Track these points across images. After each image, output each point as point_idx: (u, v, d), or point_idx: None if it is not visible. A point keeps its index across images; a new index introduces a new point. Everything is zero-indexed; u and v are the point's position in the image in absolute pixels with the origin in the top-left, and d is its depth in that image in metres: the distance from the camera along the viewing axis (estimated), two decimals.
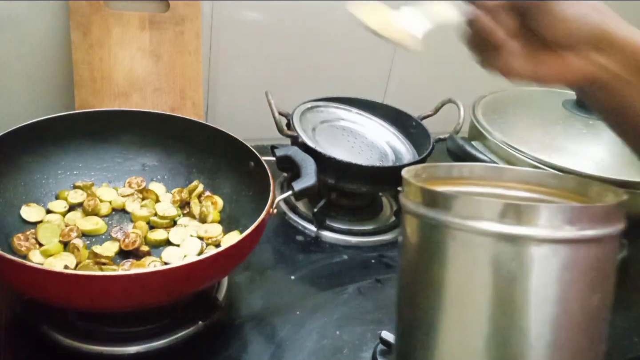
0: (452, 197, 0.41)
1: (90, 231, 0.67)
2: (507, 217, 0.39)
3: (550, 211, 0.39)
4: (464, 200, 0.41)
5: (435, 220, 0.42)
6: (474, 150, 0.78)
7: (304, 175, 0.64)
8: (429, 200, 0.43)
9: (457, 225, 0.41)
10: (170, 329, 0.58)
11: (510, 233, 0.39)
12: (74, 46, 0.80)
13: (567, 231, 0.39)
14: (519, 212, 0.39)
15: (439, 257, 0.42)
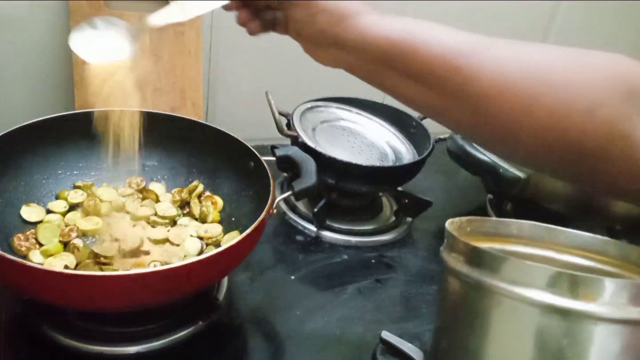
0: (501, 258, 0.37)
1: (90, 231, 0.66)
2: (562, 288, 0.35)
3: (614, 287, 0.34)
4: (514, 264, 0.37)
5: (480, 282, 0.38)
6: (474, 150, 0.78)
7: (304, 175, 0.64)
8: (475, 259, 0.39)
9: (504, 291, 0.37)
10: (170, 329, 0.58)
11: (564, 306, 0.35)
12: None
13: (631, 311, 0.34)
14: (577, 283, 0.35)
15: (480, 322, 0.39)
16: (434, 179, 1.00)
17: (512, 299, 0.37)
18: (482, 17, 1.10)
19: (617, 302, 0.34)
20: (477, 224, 0.49)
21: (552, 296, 0.35)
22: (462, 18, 1.08)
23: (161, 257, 0.64)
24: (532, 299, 0.36)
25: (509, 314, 0.37)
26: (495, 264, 0.38)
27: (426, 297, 0.72)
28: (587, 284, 0.35)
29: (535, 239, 0.49)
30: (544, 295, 0.35)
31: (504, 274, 0.37)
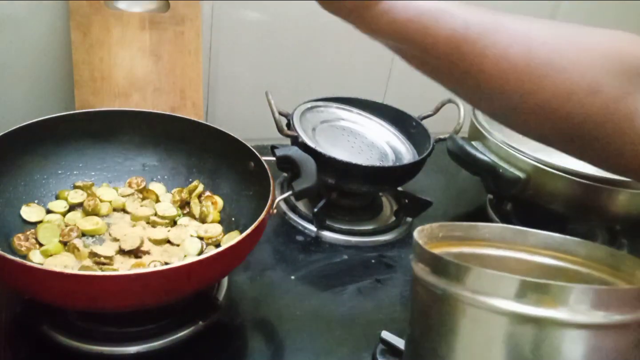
0: (465, 268, 0.37)
1: (90, 231, 0.66)
2: (526, 296, 0.35)
3: (577, 293, 0.34)
4: (478, 274, 0.37)
5: (446, 291, 0.38)
6: (474, 150, 0.78)
7: (304, 175, 0.64)
8: (440, 269, 0.39)
9: (469, 300, 0.37)
10: (170, 329, 0.58)
11: (529, 314, 0.35)
12: (74, 46, 0.80)
13: (594, 315, 0.34)
14: (540, 290, 0.35)
15: (448, 331, 0.38)
16: (434, 179, 1.00)
17: (478, 307, 0.37)
18: None
19: (581, 308, 0.34)
20: (448, 229, 0.49)
21: (516, 304, 0.35)
22: None
23: (161, 257, 0.64)
24: (496, 307, 0.36)
25: (476, 322, 0.37)
26: (459, 273, 0.38)
27: None
28: (551, 291, 0.35)
29: (506, 241, 0.49)
30: (509, 303, 0.35)
31: (468, 283, 0.37)
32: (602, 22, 1.31)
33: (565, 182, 0.73)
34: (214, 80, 0.97)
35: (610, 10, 1.19)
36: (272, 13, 0.94)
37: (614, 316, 0.35)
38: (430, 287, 0.40)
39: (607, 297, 0.35)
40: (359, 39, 1.09)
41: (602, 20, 1.20)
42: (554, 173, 0.74)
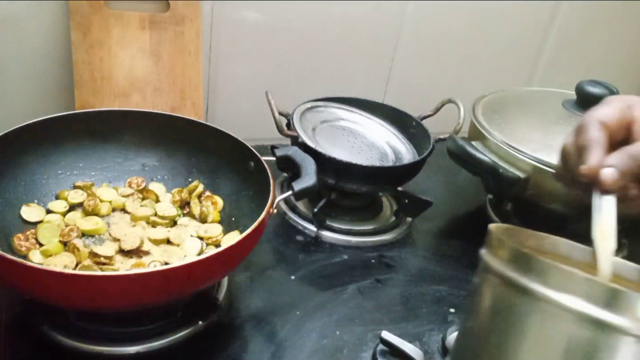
0: (550, 265, 0.38)
1: (90, 231, 0.66)
2: (601, 300, 0.36)
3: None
4: (562, 273, 0.38)
5: (524, 286, 0.39)
6: (474, 150, 0.78)
7: (304, 175, 0.64)
8: (521, 264, 0.40)
9: (546, 297, 0.38)
10: (170, 329, 0.58)
11: (602, 319, 0.36)
12: (74, 46, 0.80)
13: None
14: (619, 298, 0.36)
15: (517, 324, 0.39)
16: (434, 179, 1.00)
17: (553, 305, 0.38)
18: (482, 17, 1.10)
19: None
20: (513, 233, 0.50)
21: (593, 307, 0.36)
22: (462, 18, 1.08)
23: (161, 257, 0.64)
24: (572, 307, 0.37)
25: (547, 320, 0.38)
26: (542, 270, 0.38)
27: (426, 297, 0.72)
28: (625, 298, 0.36)
29: (566, 255, 0.50)
30: (585, 305, 0.36)
31: (549, 280, 0.38)
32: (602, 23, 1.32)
33: None
34: (214, 80, 0.97)
35: (610, 10, 1.19)
36: (272, 13, 0.94)
37: None
38: (507, 279, 0.40)
39: None
40: (359, 39, 1.09)
41: (602, 21, 1.20)
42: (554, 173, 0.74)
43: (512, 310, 0.40)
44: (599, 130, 0.47)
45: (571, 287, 0.37)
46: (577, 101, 0.85)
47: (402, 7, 1.02)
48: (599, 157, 0.46)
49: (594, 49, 1.23)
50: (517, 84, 1.20)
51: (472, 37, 1.12)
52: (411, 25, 1.04)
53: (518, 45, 1.16)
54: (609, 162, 0.46)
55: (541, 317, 0.38)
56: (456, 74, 1.15)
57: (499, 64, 1.17)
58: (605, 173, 0.45)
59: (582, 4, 1.15)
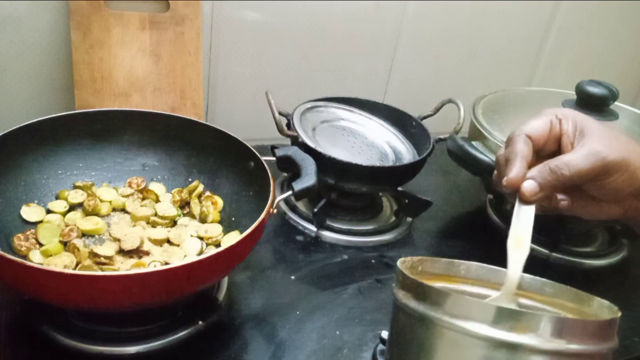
0: (445, 294, 0.40)
1: (90, 231, 0.67)
2: (501, 322, 0.38)
3: (546, 321, 0.38)
4: (456, 299, 0.40)
5: (425, 315, 0.41)
6: (474, 150, 0.78)
7: (304, 175, 0.64)
8: (421, 294, 0.42)
9: (447, 324, 0.39)
10: (170, 329, 0.58)
11: (503, 339, 0.38)
12: (74, 46, 0.80)
13: (560, 344, 0.38)
14: (513, 318, 0.38)
15: (425, 354, 0.41)
16: (434, 179, 1.00)
17: (456, 331, 0.39)
18: (482, 17, 1.10)
19: (549, 336, 0.38)
20: (428, 264, 0.52)
21: (492, 329, 0.38)
22: (463, 18, 1.08)
23: (161, 257, 0.64)
24: (474, 332, 0.38)
25: (453, 346, 0.40)
26: (440, 299, 0.40)
27: None
28: (523, 318, 0.38)
29: (481, 279, 0.52)
30: (485, 328, 0.38)
31: (448, 308, 0.40)
32: (602, 23, 1.32)
33: None
34: (214, 80, 0.97)
35: (610, 10, 1.19)
36: (272, 13, 0.94)
37: (579, 346, 0.38)
38: (411, 311, 0.42)
39: (573, 327, 0.38)
40: (359, 39, 1.09)
41: (602, 21, 1.20)
42: None
43: (422, 341, 0.42)
44: (524, 143, 0.49)
45: (471, 313, 0.39)
46: (577, 101, 0.85)
47: (402, 7, 1.02)
48: (520, 170, 0.48)
49: (594, 49, 1.23)
50: (517, 84, 1.20)
51: (472, 37, 1.12)
52: (411, 25, 1.04)
53: (518, 45, 1.16)
54: (529, 174, 0.49)
55: (449, 345, 0.40)
56: (456, 74, 1.15)
57: (499, 64, 1.17)
58: (525, 185, 0.48)
59: (582, 4, 1.16)
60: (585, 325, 0.39)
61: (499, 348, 0.38)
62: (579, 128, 0.49)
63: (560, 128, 0.50)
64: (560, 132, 0.50)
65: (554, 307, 0.49)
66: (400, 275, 0.46)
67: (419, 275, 0.51)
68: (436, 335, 0.40)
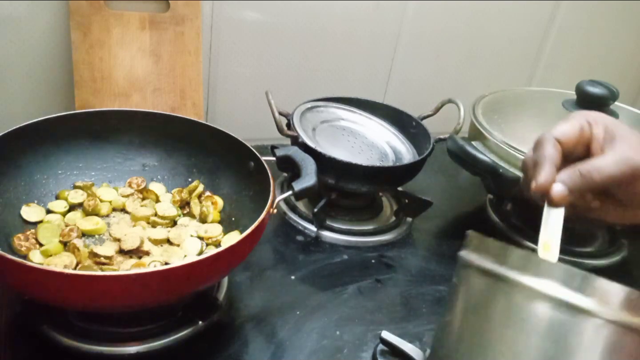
0: (525, 254, 0.42)
1: (90, 231, 0.67)
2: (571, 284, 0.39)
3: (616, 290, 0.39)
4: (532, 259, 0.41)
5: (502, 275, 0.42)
6: (474, 150, 0.78)
7: (304, 175, 0.64)
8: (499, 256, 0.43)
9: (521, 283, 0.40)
10: (170, 329, 0.58)
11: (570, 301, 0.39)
12: (74, 46, 0.80)
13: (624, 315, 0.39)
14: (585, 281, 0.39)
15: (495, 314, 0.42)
16: (434, 179, 1.00)
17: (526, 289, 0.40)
18: (482, 17, 1.10)
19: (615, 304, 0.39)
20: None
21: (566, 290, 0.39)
22: (463, 18, 1.08)
23: (161, 257, 0.64)
24: (546, 292, 0.39)
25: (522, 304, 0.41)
26: (516, 258, 0.41)
27: (426, 297, 0.72)
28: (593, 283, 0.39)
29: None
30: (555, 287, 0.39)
31: (523, 267, 0.41)
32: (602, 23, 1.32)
33: None
34: (214, 80, 0.97)
35: (610, 10, 1.19)
36: (272, 13, 0.94)
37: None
38: (486, 271, 0.43)
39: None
40: (359, 39, 1.09)
41: (602, 21, 1.20)
42: None
43: (491, 300, 0.42)
44: (553, 147, 0.49)
45: (542, 272, 0.40)
46: (577, 101, 0.85)
47: (402, 7, 1.02)
48: (549, 174, 0.48)
49: (594, 49, 1.23)
50: (517, 84, 1.20)
51: (472, 37, 1.12)
52: (411, 25, 1.04)
53: (518, 45, 1.16)
54: (558, 178, 0.48)
55: (517, 302, 0.41)
56: (456, 74, 1.15)
57: (499, 64, 1.17)
58: (554, 189, 0.48)
59: (582, 4, 1.16)
60: None
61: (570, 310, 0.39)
62: (610, 132, 0.49)
63: (591, 132, 0.50)
64: (591, 136, 0.50)
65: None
66: (476, 240, 0.47)
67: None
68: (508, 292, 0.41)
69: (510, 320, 0.41)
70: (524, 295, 0.40)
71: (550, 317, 0.40)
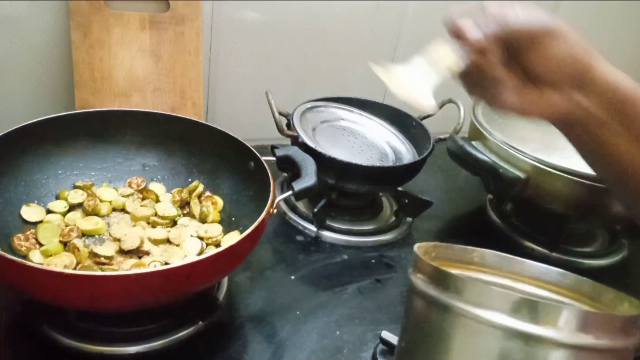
0: (466, 281, 0.39)
1: (90, 231, 0.67)
2: (521, 313, 0.37)
3: (567, 313, 0.37)
4: (478, 288, 0.39)
5: (445, 303, 0.40)
6: (474, 150, 0.78)
7: (304, 175, 0.64)
8: (441, 282, 0.41)
9: (468, 313, 0.38)
10: (170, 329, 0.58)
11: (523, 330, 0.37)
12: (74, 46, 0.80)
13: (583, 338, 0.37)
14: (535, 309, 0.37)
15: (443, 343, 0.40)
16: (434, 179, 1.00)
17: (475, 321, 0.38)
18: None
19: (568, 328, 0.37)
20: (442, 250, 0.51)
21: (512, 320, 0.37)
22: None
23: (161, 257, 0.64)
24: (494, 321, 0.38)
25: (471, 335, 0.39)
26: (461, 286, 0.39)
27: None
28: (546, 310, 0.37)
29: (495, 267, 0.51)
30: (505, 318, 0.37)
31: (468, 296, 0.39)
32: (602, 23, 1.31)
33: (565, 182, 0.73)
34: (214, 80, 0.97)
35: (610, 10, 1.19)
36: (272, 13, 0.94)
37: (599, 340, 0.37)
38: (430, 298, 0.41)
39: (593, 321, 0.37)
40: (359, 39, 1.09)
41: (602, 21, 1.20)
42: (554, 173, 0.74)
43: (438, 329, 0.41)
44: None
45: (491, 302, 0.38)
46: None
47: (402, 7, 1.02)
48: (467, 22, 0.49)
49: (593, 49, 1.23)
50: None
51: None
52: (411, 25, 1.04)
53: None
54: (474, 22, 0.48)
55: (466, 333, 0.39)
56: None
57: None
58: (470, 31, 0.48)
59: (582, 4, 1.15)
60: (610, 320, 0.38)
61: (516, 339, 0.37)
62: None
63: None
64: None
65: (571, 299, 0.48)
66: (417, 261, 0.45)
67: (433, 261, 0.50)
68: (453, 322, 0.40)
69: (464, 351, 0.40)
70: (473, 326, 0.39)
71: (503, 347, 0.38)
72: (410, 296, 0.45)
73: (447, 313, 0.40)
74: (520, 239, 0.86)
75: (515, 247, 0.85)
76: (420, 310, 0.43)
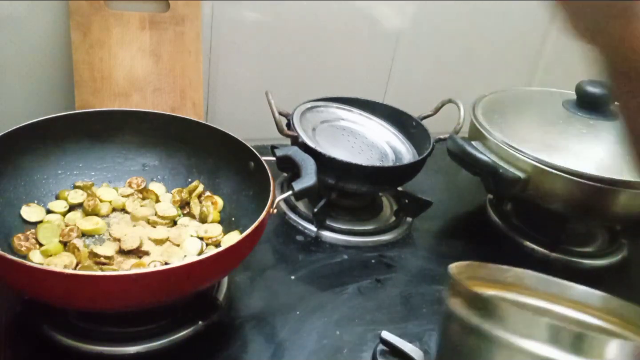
0: (505, 307, 0.38)
1: (90, 231, 0.67)
2: (564, 343, 0.35)
3: (618, 348, 0.34)
4: (518, 314, 0.37)
5: (480, 329, 0.38)
6: (474, 150, 0.78)
7: (304, 175, 0.64)
8: (478, 305, 0.39)
9: (504, 341, 0.37)
10: (170, 329, 0.58)
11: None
12: (74, 46, 0.80)
13: None
14: (580, 340, 0.35)
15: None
16: (434, 179, 1.00)
17: (512, 349, 0.37)
18: (482, 17, 1.10)
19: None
20: (475, 269, 0.49)
21: (553, 350, 0.35)
22: (462, 18, 1.08)
23: (161, 257, 0.64)
24: (532, 351, 0.36)
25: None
26: (498, 312, 0.38)
27: (426, 297, 0.72)
28: (592, 342, 0.35)
29: (532, 288, 0.50)
30: (545, 348, 0.35)
31: (506, 323, 0.37)
32: None
33: (565, 182, 0.73)
34: (214, 80, 0.97)
35: None
36: (272, 13, 0.94)
37: None
38: (465, 323, 0.40)
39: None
40: (359, 39, 1.09)
41: None
42: (554, 173, 0.74)
43: (475, 354, 0.39)
44: None
45: (535, 332, 0.36)
46: (577, 101, 0.85)
47: (402, 7, 1.02)
48: None
49: None
50: (517, 84, 1.20)
51: (473, 37, 1.11)
52: (411, 25, 1.04)
53: (518, 45, 1.16)
54: None
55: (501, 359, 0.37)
56: (456, 74, 1.15)
57: (499, 64, 1.17)
58: None
59: None
60: None
61: None
62: None
63: None
64: None
65: (615, 325, 0.46)
66: (454, 284, 0.43)
67: (466, 280, 0.48)
68: (492, 350, 0.38)
69: None
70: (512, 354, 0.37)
71: None
72: (446, 320, 0.43)
73: (482, 338, 0.38)
74: (520, 239, 0.86)
75: (515, 247, 0.85)
76: (456, 335, 0.42)
